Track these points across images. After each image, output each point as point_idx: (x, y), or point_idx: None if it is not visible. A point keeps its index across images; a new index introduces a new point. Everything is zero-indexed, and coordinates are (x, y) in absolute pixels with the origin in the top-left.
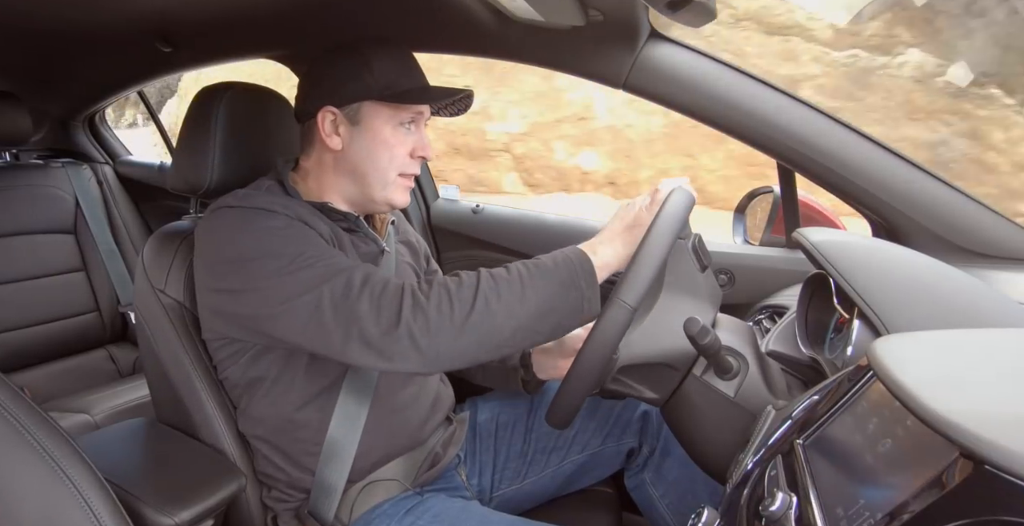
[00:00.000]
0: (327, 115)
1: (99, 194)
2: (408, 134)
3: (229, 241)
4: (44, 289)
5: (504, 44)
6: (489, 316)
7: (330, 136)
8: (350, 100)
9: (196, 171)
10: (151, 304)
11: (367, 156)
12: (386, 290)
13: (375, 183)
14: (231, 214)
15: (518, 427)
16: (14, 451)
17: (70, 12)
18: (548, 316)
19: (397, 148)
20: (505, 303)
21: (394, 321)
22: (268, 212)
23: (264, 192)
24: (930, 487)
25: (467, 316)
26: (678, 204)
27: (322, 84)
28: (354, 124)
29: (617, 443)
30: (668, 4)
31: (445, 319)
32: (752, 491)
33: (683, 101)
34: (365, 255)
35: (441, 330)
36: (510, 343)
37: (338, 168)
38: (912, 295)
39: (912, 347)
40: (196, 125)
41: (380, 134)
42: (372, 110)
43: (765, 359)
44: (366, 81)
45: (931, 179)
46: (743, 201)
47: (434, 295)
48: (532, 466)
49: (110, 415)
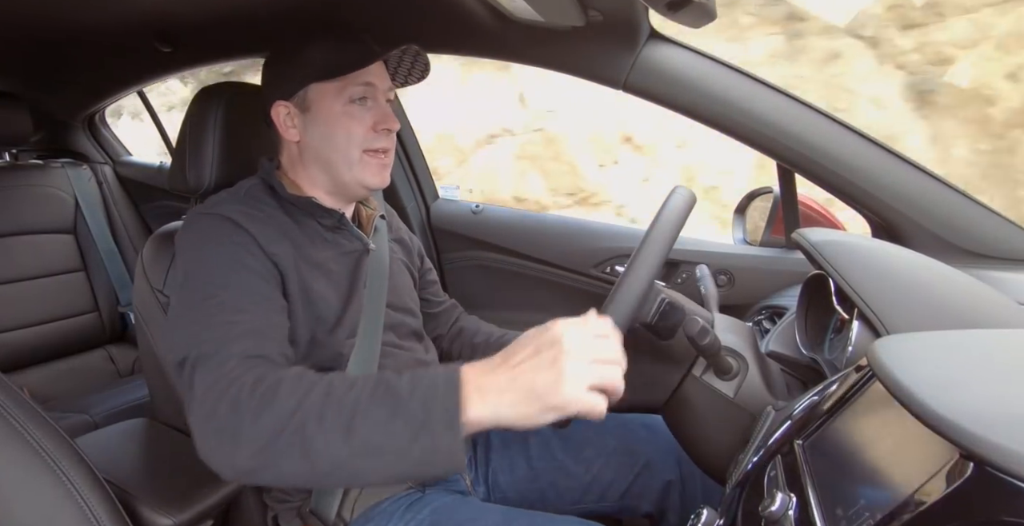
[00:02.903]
0: (280, 109)
1: (99, 194)
2: (364, 109)
3: (180, 252)
4: (44, 289)
5: (504, 44)
6: (302, 443)
7: (287, 129)
8: (294, 88)
9: (195, 171)
10: (150, 304)
11: (324, 139)
12: (223, 380)
13: (340, 164)
14: (198, 223)
15: (526, 446)
16: (13, 451)
17: (70, 12)
18: (379, 457)
19: (354, 125)
20: (326, 431)
21: (209, 413)
22: (221, 224)
23: (242, 195)
24: (930, 488)
25: (274, 437)
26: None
27: (269, 82)
28: (305, 111)
29: (634, 503)
30: (668, 5)
31: (249, 436)
32: (752, 491)
33: (683, 102)
34: (350, 253)
35: (240, 446)
36: (330, 479)
37: (304, 158)
38: (912, 296)
39: (912, 348)
40: (195, 125)
41: (331, 114)
42: (317, 92)
43: (765, 360)
44: (302, 65)
45: (930, 180)
46: (743, 202)
47: (254, 403)
48: (539, 496)
49: (109, 415)
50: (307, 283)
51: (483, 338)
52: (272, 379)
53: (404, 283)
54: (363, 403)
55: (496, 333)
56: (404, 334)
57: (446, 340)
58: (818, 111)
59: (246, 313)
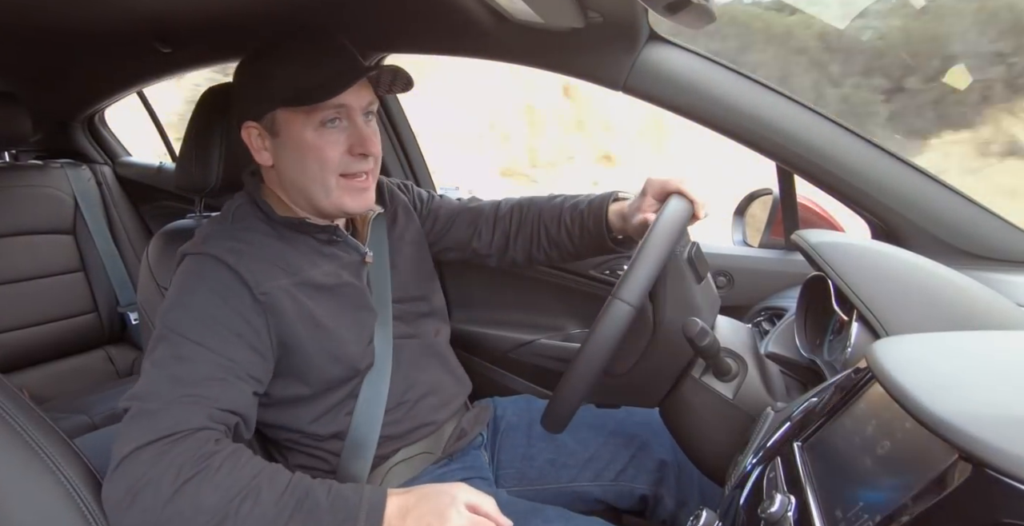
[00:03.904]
0: (251, 131)
1: (98, 195)
2: (338, 131)
3: (169, 292)
4: (43, 289)
5: (503, 46)
6: None
7: (259, 152)
8: (264, 111)
9: (202, 171)
10: (157, 302)
11: (297, 167)
12: (153, 453)
13: (317, 192)
14: (187, 264)
15: (529, 431)
16: (12, 451)
17: (70, 13)
18: None
19: (326, 151)
20: None
21: (131, 475)
22: (213, 267)
23: (230, 221)
24: (929, 489)
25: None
26: (676, 210)
27: (237, 97)
28: (275, 136)
29: (629, 484)
30: (667, 6)
31: (174, 511)
32: (751, 493)
33: (682, 103)
34: (349, 265)
35: (161, 522)
36: None
37: (281, 182)
38: (911, 297)
39: (911, 349)
40: (202, 125)
41: (302, 141)
42: (286, 117)
43: (764, 361)
44: (269, 88)
45: (930, 181)
46: (742, 203)
47: (191, 485)
48: (537, 472)
49: (108, 416)
50: (308, 310)
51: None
52: (203, 467)
53: (410, 268)
54: (284, 519)
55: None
56: (412, 319)
57: (514, 237)
58: (817, 113)
59: (202, 370)
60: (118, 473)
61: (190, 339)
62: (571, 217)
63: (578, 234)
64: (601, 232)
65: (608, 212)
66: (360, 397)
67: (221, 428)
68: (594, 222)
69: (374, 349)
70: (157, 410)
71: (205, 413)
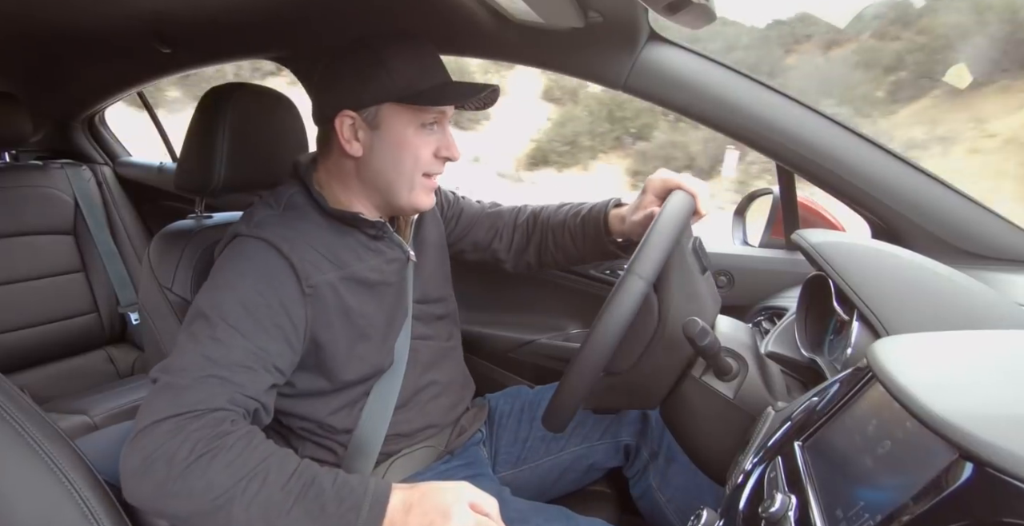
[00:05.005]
0: (345, 119)
1: (98, 195)
2: (431, 134)
3: (216, 267)
4: (43, 290)
5: (504, 45)
6: (227, 519)
7: (349, 142)
8: (368, 103)
9: (203, 171)
10: (158, 302)
11: (391, 161)
12: (173, 425)
13: (401, 188)
14: (239, 246)
15: (521, 416)
16: (13, 452)
17: (70, 13)
18: None
19: (421, 150)
20: (251, 519)
21: (147, 448)
22: (266, 252)
23: (282, 209)
24: (930, 489)
25: (198, 501)
26: (680, 201)
27: (337, 86)
28: (374, 128)
29: (614, 439)
30: (667, 6)
31: (184, 485)
32: (752, 492)
33: (682, 103)
34: (392, 262)
35: (170, 494)
36: None
37: (361, 175)
38: (911, 297)
39: (911, 349)
40: (204, 125)
41: (403, 137)
42: (392, 112)
43: (764, 360)
44: (383, 82)
45: (930, 181)
46: (742, 203)
47: (203, 461)
48: (530, 452)
49: (109, 416)
50: (347, 307)
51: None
52: (216, 445)
53: (432, 270)
54: (292, 495)
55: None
56: (429, 321)
57: (525, 232)
58: (817, 112)
59: (234, 355)
60: (137, 443)
61: (229, 323)
62: (574, 223)
63: (580, 239)
64: (600, 236)
65: (608, 217)
66: (371, 395)
67: (240, 411)
68: (593, 226)
69: (394, 349)
70: (184, 386)
71: (228, 396)
